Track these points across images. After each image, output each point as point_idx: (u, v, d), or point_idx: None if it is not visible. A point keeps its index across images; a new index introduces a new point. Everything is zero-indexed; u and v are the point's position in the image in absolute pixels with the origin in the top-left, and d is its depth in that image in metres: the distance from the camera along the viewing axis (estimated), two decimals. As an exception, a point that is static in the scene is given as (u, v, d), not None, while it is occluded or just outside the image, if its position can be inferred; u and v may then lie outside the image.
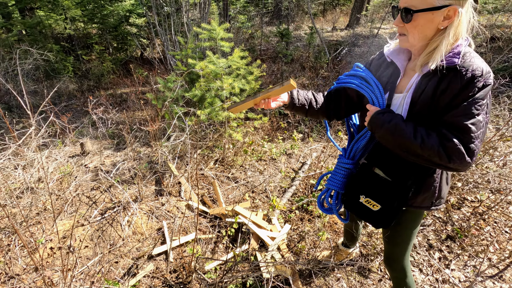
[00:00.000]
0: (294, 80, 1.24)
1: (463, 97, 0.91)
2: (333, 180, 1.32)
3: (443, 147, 0.92)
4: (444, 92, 0.94)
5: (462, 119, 0.91)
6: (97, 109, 3.14)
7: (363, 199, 1.17)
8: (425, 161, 0.98)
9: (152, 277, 2.01)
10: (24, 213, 2.41)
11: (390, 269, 1.43)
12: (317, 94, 1.35)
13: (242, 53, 2.67)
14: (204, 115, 2.65)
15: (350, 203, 1.24)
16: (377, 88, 1.15)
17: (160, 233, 2.35)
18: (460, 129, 0.92)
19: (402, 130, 0.98)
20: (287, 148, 3.48)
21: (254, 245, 2.18)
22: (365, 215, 1.19)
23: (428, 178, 1.12)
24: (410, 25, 0.95)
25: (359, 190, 1.19)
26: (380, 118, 1.04)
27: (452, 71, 0.93)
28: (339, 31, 10.11)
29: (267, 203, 2.65)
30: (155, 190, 2.76)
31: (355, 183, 1.22)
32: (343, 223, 1.38)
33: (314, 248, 2.21)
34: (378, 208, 1.14)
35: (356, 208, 1.22)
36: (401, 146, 0.99)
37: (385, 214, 1.14)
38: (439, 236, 2.29)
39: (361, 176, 1.20)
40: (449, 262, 2.10)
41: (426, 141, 0.94)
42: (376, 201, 1.14)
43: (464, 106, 0.91)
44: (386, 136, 1.03)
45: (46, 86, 5.84)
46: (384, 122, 1.02)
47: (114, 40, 7.63)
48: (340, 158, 1.33)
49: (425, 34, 0.95)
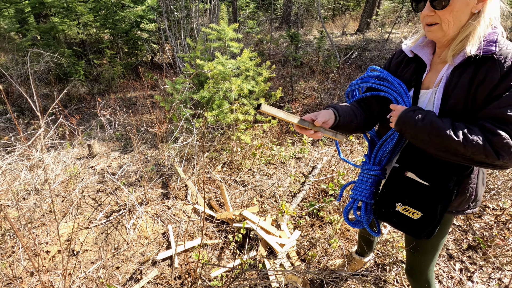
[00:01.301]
0: (345, 136, 1.12)
1: (504, 86, 0.83)
2: (359, 190, 1.21)
3: (489, 142, 0.83)
4: (482, 83, 0.85)
5: (506, 110, 0.82)
6: (105, 110, 3.12)
7: (400, 207, 1.05)
8: (466, 160, 0.88)
9: (156, 283, 1.93)
10: (28, 215, 2.38)
11: (412, 280, 1.32)
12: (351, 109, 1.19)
13: (251, 54, 2.61)
14: (212, 117, 2.60)
15: (384, 213, 1.11)
16: (400, 86, 1.06)
17: (165, 238, 2.28)
18: (506, 121, 0.82)
19: (439, 127, 0.88)
20: (297, 151, 3.39)
21: (262, 252, 2.08)
22: (404, 224, 1.06)
23: (465, 179, 1.01)
24: (445, 11, 0.87)
25: (394, 198, 1.07)
26: (411, 116, 0.94)
27: (489, 60, 0.85)
28: (349, 36, 10.03)
29: (276, 208, 2.55)
30: (161, 193, 2.70)
31: (388, 190, 1.10)
32: (375, 236, 1.25)
33: (326, 256, 2.10)
34: (419, 216, 1.02)
35: (392, 218, 1.09)
36: (439, 145, 0.89)
37: (427, 222, 1.01)
38: (460, 246, 2.15)
39: (394, 182, 1.08)
40: (471, 274, 1.96)
41: (469, 137, 0.84)
42: (416, 209, 1.02)
43: (507, 96, 0.83)
44: (421, 136, 0.92)
45: (57, 90, 5.93)
46: (417, 120, 0.92)
47: (125, 45, 7.73)
48: (364, 165, 1.22)
49: (459, 20, 0.87)
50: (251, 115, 2.78)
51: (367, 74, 1.19)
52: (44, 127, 3.09)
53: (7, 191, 2.57)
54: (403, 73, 1.09)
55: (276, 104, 4.57)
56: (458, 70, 0.91)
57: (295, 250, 2.13)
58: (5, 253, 2.13)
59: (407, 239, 1.27)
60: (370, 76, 1.18)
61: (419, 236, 1.04)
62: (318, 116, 1.00)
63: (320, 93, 4.78)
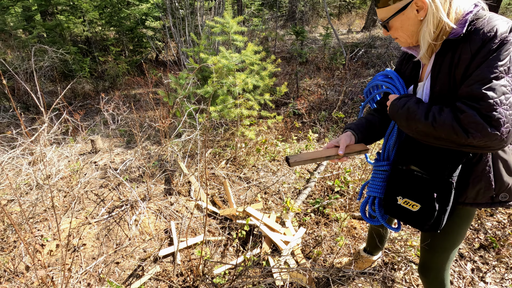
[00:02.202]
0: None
1: (475, 64, 0.83)
2: (372, 186, 1.23)
3: (457, 120, 0.83)
4: (458, 66, 0.88)
5: (475, 87, 0.82)
6: (108, 105, 3.10)
7: (401, 201, 1.07)
8: (448, 143, 0.89)
9: (158, 280, 1.89)
10: (30, 210, 2.36)
11: (426, 280, 1.25)
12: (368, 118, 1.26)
13: (256, 48, 2.56)
14: (216, 112, 2.55)
15: (388, 207, 1.14)
16: (398, 80, 1.13)
17: (167, 234, 2.24)
18: (475, 98, 0.81)
19: (413, 112, 0.92)
20: (302, 148, 3.33)
21: (266, 249, 2.03)
22: (407, 217, 1.07)
23: (476, 166, 0.96)
24: (392, 31, 0.98)
25: (395, 191, 1.09)
26: (395, 104, 1.00)
27: (462, 42, 0.87)
28: (355, 33, 9.91)
29: (281, 205, 2.50)
30: (164, 189, 2.66)
31: (390, 184, 1.13)
32: (395, 232, 1.26)
33: (332, 255, 2.04)
34: (418, 208, 1.02)
35: (395, 211, 1.11)
36: (417, 130, 0.93)
37: (427, 213, 1.00)
38: (471, 245, 2.08)
39: (394, 175, 1.11)
40: (483, 274, 1.88)
41: (438, 118, 0.86)
42: (415, 200, 1.03)
43: (476, 73, 0.82)
44: (402, 122, 0.97)
45: (63, 87, 5.94)
46: (398, 107, 0.98)
47: (130, 43, 7.73)
48: (375, 162, 1.25)
49: (411, 30, 0.95)
50: (255, 110, 2.72)
51: (381, 73, 1.25)
52: (47, 123, 3.08)
53: (9, 186, 2.55)
54: (405, 69, 1.14)
55: (281, 100, 4.51)
56: (440, 59, 0.94)
57: (300, 247, 2.07)
58: (7, 247, 2.12)
59: (422, 235, 1.22)
60: (382, 74, 1.24)
61: (423, 229, 1.04)
62: (340, 143, 1.10)
63: (326, 89, 4.70)
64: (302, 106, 3.81)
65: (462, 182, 0.98)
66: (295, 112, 4.14)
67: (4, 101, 5.34)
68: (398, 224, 1.28)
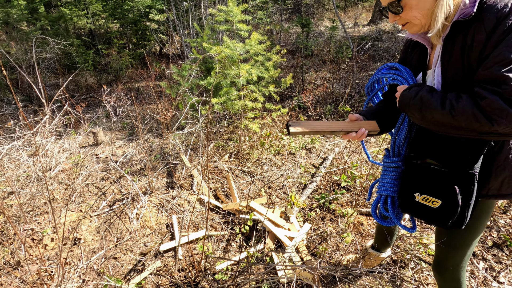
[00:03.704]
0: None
1: (491, 45, 0.76)
2: (384, 185, 1.16)
3: (478, 107, 0.76)
4: (472, 48, 0.80)
5: (495, 69, 0.74)
6: (110, 97, 3.04)
7: (419, 197, 0.99)
8: (468, 132, 0.81)
9: (159, 275, 1.84)
10: (30, 202, 2.32)
11: (441, 278, 1.18)
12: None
13: (261, 37, 2.47)
14: (219, 104, 2.48)
15: (406, 205, 1.06)
16: (405, 70, 1.06)
17: (169, 228, 2.19)
18: (495, 81, 0.73)
19: (428, 101, 0.85)
20: (307, 142, 3.25)
21: (270, 245, 1.97)
22: (427, 215, 1.00)
23: (498, 155, 0.89)
24: (405, 12, 0.88)
25: (412, 188, 1.02)
26: (406, 95, 0.93)
27: (474, 22, 0.80)
28: (361, 27, 9.73)
29: (285, 200, 2.43)
30: (166, 182, 2.61)
31: (406, 181, 1.06)
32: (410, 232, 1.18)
33: (338, 251, 1.97)
34: (438, 204, 0.95)
35: (413, 209, 1.03)
36: (433, 120, 0.86)
37: (449, 209, 0.92)
38: (484, 243, 1.99)
39: (410, 171, 1.04)
40: (496, 274, 1.80)
41: (456, 106, 0.79)
42: (435, 196, 0.95)
43: (494, 54, 0.75)
44: (416, 113, 0.90)
45: (66, 80, 5.90)
46: (410, 98, 0.90)
47: (133, 36, 7.66)
48: (385, 158, 1.17)
49: (425, 9, 0.85)
50: (259, 102, 2.64)
51: (385, 65, 1.19)
52: (49, 115, 3.03)
53: (9, 178, 2.52)
54: (411, 58, 1.08)
55: (286, 93, 4.42)
56: (449, 42, 0.87)
57: (305, 244, 2.01)
58: (7, 240, 2.08)
59: (438, 231, 1.14)
60: (385, 67, 1.18)
61: (446, 226, 0.95)
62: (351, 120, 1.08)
63: (332, 83, 4.60)
64: (308, 99, 3.71)
65: (484, 173, 0.91)
66: (300, 105, 4.05)
67: (7, 93, 5.33)
68: (413, 224, 1.19)
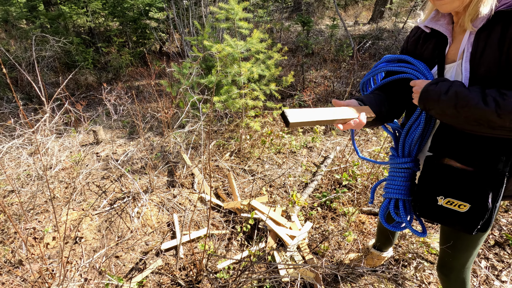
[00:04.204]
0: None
1: None
2: (393, 188, 1.07)
3: None
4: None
5: None
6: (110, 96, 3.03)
7: (442, 201, 0.91)
8: (505, 131, 0.77)
9: (160, 273, 1.84)
10: (31, 201, 2.32)
11: (446, 279, 1.17)
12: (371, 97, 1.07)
13: (262, 35, 2.46)
14: (220, 103, 2.47)
15: (426, 210, 0.97)
16: (420, 64, 0.97)
17: (170, 227, 2.19)
18: None
19: (466, 97, 0.77)
20: (308, 141, 3.24)
21: (272, 244, 1.97)
22: (451, 220, 0.92)
23: None
24: None
25: (434, 191, 0.93)
26: (433, 90, 0.84)
27: None
28: (362, 25, 9.70)
29: (286, 199, 2.43)
30: (167, 181, 2.60)
31: (425, 184, 0.96)
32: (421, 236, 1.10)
33: (339, 250, 1.97)
34: (466, 208, 0.87)
35: (435, 214, 0.95)
36: (469, 118, 0.79)
37: (479, 213, 0.86)
38: (486, 242, 1.99)
39: (430, 172, 0.95)
40: (499, 273, 1.80)
41: (502, 103, 0.73)
42: (462, 200, 0.88)
43: None
44: (447, 110, 0.81)
45: (66, 78, 5.89)
46: (440, 93, 0.82)
47: (133, 34, 7.64)
48: (392, 159, 1.08)
49: None
50: (260, 101, 2.63)
51: (383, 59, 1.08)
52: (49, 113, 3.02)
53: (9, 176, 2.51)
54: (422, 50, 0.99)
55: (287, 92, 4.40)
56: (483, 34, 0.79)
57: (307, 242, 2.00)
58: (7, 239, 2.08)
59: (443, 231, 1.11)
60: (386, 60, 1.07)
61: (472, 231, 0.89)
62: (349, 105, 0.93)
63: (332, 81, 4.59)
64: (309, 97, 3.71)
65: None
66: (301, 104, 4.04)
67: (7, 92, 5.31)
68: (423, 228, 1.11)
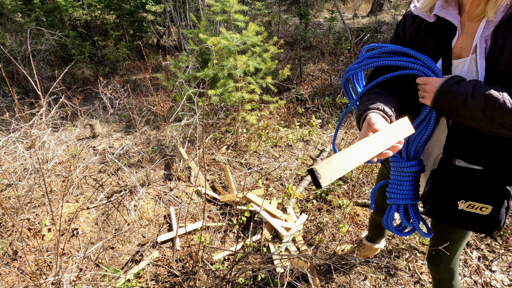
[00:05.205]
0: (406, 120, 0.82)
1: None
2: (400, 192, 1.01)
3: None
4: None
5: None
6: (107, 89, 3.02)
7: (463, 205, 0.87)
8: None
9: (157, 265, 1.87)
10: (27, 195, 2.33)
11: (435, 269, 1.19)
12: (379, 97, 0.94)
13: (258, 28, 2.44)
14: (216, 96, 2.47)
15: (446, 216, 0.91)
16: (427, 59, 0.87)
17: (166, 219, 2.21)
18: None
19: (496, 101, 0.72)
20: (305, 134, 3.25)
21: (267, 236, 1.99)
22: (473, 224, 0.89)
23: None
24: None
25: (454, 196, 0.88)
26: (456, 90, 0.77)
27: None
28: (361, 18, 9.64)
29: (282, 191, 2.45)
30: (163, 174, 2.62)
31: (443, 188, 0.90)
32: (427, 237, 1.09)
33: (334, 242, 2.00)
34: (489, 210, 0.85)
35: (456, 218, 0.90)
36: (496, 122, 0.75)
37: (500, 214, 0.85)
38: (477, 233, 2.02)
39: (449, 176, 0.88)
40: (489, 263, 1.83)
41: None
42: (484, 202, 0.85)
43: None
44: (474, 114, 0.76)
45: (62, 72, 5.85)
46: (466, 95, 0.75)
47: (130, 27, 7.57)
48: (396, 162, 1.01)
49: None
50: (257, 94, 2.63)
51: (379, 51, 0.96)
52: (45, 107, 3.01)
53: (6, 170, 2.52)
54: (425, 42, 0.90)
55: (284, 85, 4.39)
56: (503, 28, 0.75)
57: (302, 234, 2.03)
58: (5, 232, 2.10)
59: (435, 224, 1.11)
60: (381, 52, 0.95)
61: (493, 233, 0.88)
62: (379, 127, 0.75)
63: (330, 74, 4.58)
64: (306, 91, 3.71)
65: None
66: (298, 97, 4.03)
67: (3, 86, 5.29)
68: (427, 228, 1.08)
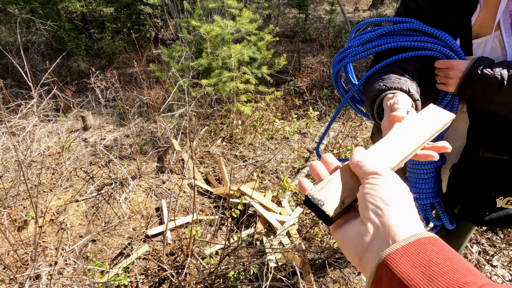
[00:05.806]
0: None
1: None
2: (425, 191, 0.92)
3: None
4: None
5: None
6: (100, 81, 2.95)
7: (502, 202, 0.79)
8: None
9: (147, 259, 1.81)
10: (13, 186, 2.27)
11: None
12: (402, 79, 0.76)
13: (252, 15, 2.36)
14: (210, 86, 2.39)
15: (482, 216, 0.83)
16: (448, 38, 0.75)
17: (158, 212, 2.15)
18: None
19: None
20: (302, 126, 3.18)
21: (261, 229, 1.93)
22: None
23: None
24: None
25: (493, 192, 0.80)
26: (490, 75, 0.67)
27: None
28: (362, 12, 9.51)
29: (278, 184, 2.38)
30: (156, 166, 2.55)
31: (478, 185, 0.81)
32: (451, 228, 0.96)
33: (329, 235, 1.93)
34: None
35: (497, 218, 0.81)
36: None
37: None
38: (478, 227, 1.96)
39: (475, 169, 0.81)
40: (490, 258, 1.77)
41: None
42: None
43: None
44: (510, 100, 0.68)
45: (58, 65, 5.76)
46: (502, 81, 0.66)
47: (127, 20, 7.46)
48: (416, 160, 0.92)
49: None
50: (252, 84, 2.56)
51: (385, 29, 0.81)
52: (36, 98, 2.93)
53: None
54: (443, 19, 0.77)
55: (282, 78, 4.30)
56: None
57: (297, 228, 1.97)
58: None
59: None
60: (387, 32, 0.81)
61: None
62: (409, 110, 0.56)
63: (329, 67, 4.49)
64: (304, 83, 3.62)
65: None
66: (296, 89, 3.95)
67: (-3, 78, 5.21)
68: (450, 219, 0.99)
